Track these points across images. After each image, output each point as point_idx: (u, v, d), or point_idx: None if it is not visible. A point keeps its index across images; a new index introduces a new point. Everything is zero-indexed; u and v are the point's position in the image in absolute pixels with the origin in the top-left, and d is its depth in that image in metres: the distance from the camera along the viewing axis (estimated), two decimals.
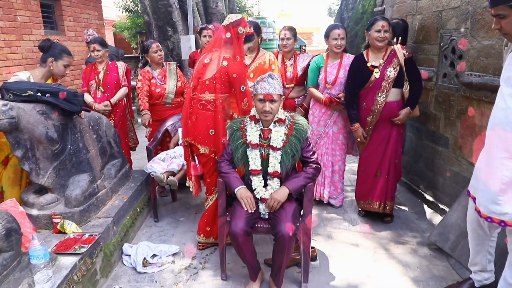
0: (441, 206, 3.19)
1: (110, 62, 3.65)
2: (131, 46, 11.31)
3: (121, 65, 3.72)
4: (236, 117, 2.53)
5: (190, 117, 2.55)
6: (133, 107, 4.66)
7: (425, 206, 3.43)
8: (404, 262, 2.60)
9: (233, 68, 2.40)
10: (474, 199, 1.96)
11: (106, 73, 3.58)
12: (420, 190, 3.60)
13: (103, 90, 3.56)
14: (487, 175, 1.83)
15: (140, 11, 9.52)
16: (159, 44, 3.58)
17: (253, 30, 2.54)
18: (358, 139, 3.06)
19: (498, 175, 1.75)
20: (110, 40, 10.47)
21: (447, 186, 3.17)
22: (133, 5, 10.05)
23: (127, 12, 10.25)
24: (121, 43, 11.02)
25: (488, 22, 2.60)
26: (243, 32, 2.42)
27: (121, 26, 10.63)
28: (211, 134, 2.49)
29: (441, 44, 3.16)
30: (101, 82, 3.56)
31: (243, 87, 2.43)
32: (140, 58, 10.88)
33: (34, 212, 2.42)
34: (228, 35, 2.43)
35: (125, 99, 3.75)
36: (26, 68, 4.86)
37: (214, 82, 2.44)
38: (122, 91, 3.65)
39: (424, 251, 2.74)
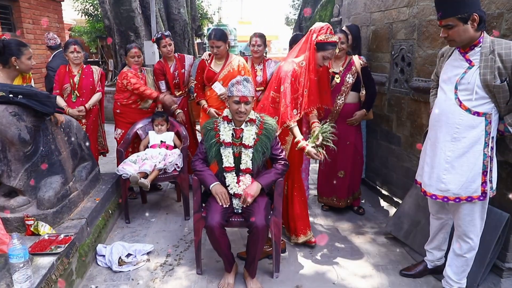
0: (395, 199, 3.52)
1: (85, 66, 3.55)
2: (90, 50, 11.01)
3: (96, 70, 3.62)
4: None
5: None
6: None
7: (381, 200, 3.75)
8: (365, 250, 2.86)
9: (283, 68, 2.55)
10: (420, 184, 2.24)
11: (82, 77, 3.48)
12: (376, 186, 3.91)
13: (78, 95, 3.46)
14: (432, 158, 2.11)
15: (100, 16, 9.32)
16: (138, 50, 3.53)
17: (334, 39, 2.50)
18: None
19: (442, 156, 2.04)
20: None
21: (400, 181, 3.50)
22: (93, 9, 9.83)
23: (86, 16, 9.99)
24: None
25: (432, 34, 2.95)
26: (315, 39, 2.50)
27: (80, 30, 10.34)
28: None
29: (392, 53, 3.50)
30: (76, 86, 3.46)
31: (282, 87, 2.54)
32: (100, 62, 10.61)
33: (4, 215, 2.39)
34: (304, 39, 2.61)
35: (98, 104, 3.66)
36: None
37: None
38: (97, 96, 3.57)
39: (381, 239, 3.02)
